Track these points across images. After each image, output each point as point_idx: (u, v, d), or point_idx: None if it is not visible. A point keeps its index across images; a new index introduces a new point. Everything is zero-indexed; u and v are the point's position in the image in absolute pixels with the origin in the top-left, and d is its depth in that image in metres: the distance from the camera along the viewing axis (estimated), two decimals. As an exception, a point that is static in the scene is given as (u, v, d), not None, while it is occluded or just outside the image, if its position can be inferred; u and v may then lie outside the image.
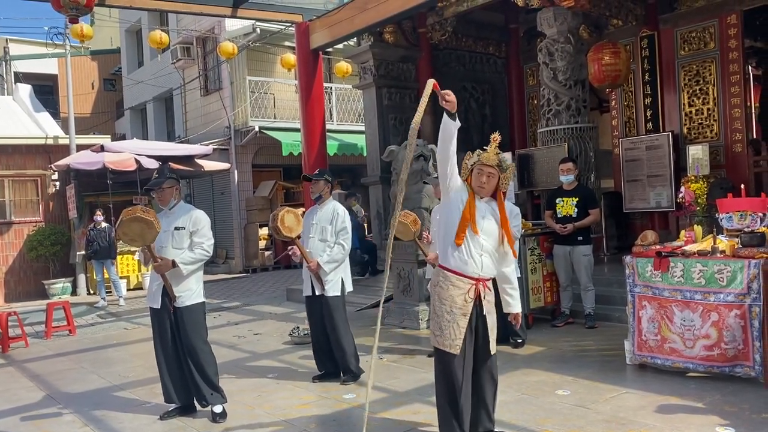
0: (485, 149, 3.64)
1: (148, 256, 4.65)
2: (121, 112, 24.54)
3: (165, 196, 4.86)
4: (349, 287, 5.66)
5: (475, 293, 3.63)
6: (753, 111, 11.72)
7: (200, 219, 4.85)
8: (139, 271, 13.69)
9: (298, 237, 5.44)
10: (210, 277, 14.97)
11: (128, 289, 13.35)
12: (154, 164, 12.57)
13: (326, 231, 5.51)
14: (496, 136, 3.61)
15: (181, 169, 13.70)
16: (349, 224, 5.57)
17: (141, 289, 13.55)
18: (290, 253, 5.55)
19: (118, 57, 24.14)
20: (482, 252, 3.61)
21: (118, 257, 13.21)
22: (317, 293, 5.55)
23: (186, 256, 4.73)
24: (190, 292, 4.78)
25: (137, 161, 12.44)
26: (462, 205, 3.62)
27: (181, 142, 17.78)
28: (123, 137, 22.18)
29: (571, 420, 4.22)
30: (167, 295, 4.72)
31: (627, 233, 10.86)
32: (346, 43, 12.75)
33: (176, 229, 4.77)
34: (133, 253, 13.52)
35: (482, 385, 3.75)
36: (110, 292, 12.16)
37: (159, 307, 4.80)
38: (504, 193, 3.74)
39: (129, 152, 12.82)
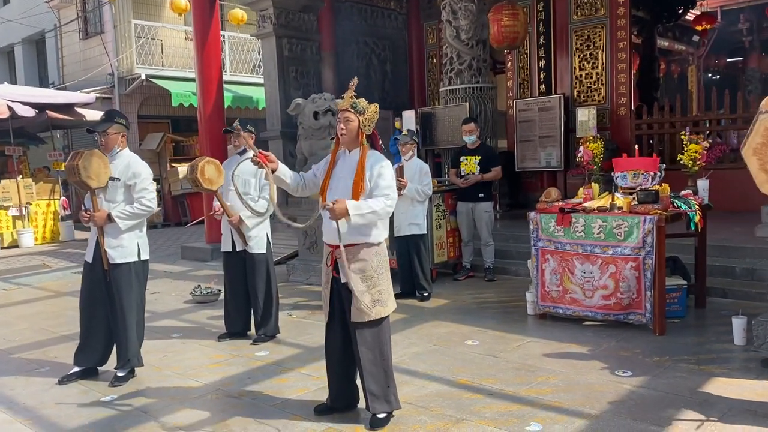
0: None
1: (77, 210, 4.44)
2: (-16, 53, 22.24)
3: (109, 142, 4.50)
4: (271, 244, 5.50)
5: (331, 260, 3.57)
6: (632, 77, 12.49)
7: (140, 171, 4.52)
8: (14, 228, 12.65)
9: (218, 189, 5.21)
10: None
11: (2, 247, 12.33)
12: (30, 112, 11.55)
13: (249, 184, 5.27)
14: (353, 82, 3.56)
15: (60, 118, 12.71)
16: None
17: (16, 247, 12.56)
18: (213, 213, 5.31)
19: (-21, -9, 21.75)
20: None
21: (-10, 212, 12.17)
22: (238, 249, 5.36)
23: (125, 209, 4.44)
24: (122, 249, 4.48)
25: (10, 108, 11.35)
26: (325, 167, 3.61)
27: (57, 90, 16.41)
28: (-13, 82, 20.17)
29: (483, 369, 4.39)
30: (99, 250, 4.46)
31: (518, 191, 11.35)
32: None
33: (111, 179, 4.44)
34: (6, 208, 12.48)
35: (356, 357, 3.57)
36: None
37: (91, 261, 4.54)
38: (368, 137, 3.59)
39: (1, 98, 11.66)
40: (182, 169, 14.56)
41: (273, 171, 3.51)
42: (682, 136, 6.45)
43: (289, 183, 3.65)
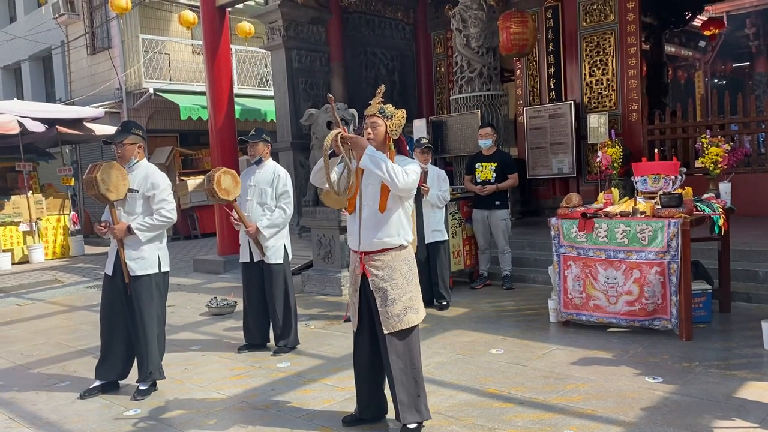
0: None
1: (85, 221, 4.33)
2: (-10, 71, 22.35)
3: (126, 153, 4.49)
4: (289, 255, 5.46)
5: (360, 268, 3.53)
6: (642, 83, 12.45)
7: (158, 182, 4.49)
8: (25, 243, 12.64)
9: (235, 200, 5.17)
10: (105, 249, 14.09)
11: (13, 263, 12.31)
12: (40, 127, 11.56)
13: (266, 194, 5.26)
14: (381, 89, 3.56)
15: (69, 133, 12.72)
16: (290, 187, 5.34)
17: (27, 262, 12.54)
18: (233, 220, 5.26)
19: (-15, 10, 21.90)
20: (364, 223, 3.47)
21: (0, 228, 12.15)
22: (256, 259, 5.32)
23: (145, 221, 4.41)
24: (143, 261, 4.44)
25: (21, 124, 11.36)
26: (352, 175, 3.46)
27: (65, 105, 16.47)
28: (-6, 99, 20.25)
29: (510, 377, 4.33)
30: (119, 262, 4.43)
31: (530, 199, 11.29)
32: (253, 2, 12.23)
33: (129, 191, 4.42)
34: (17, 224, 12.48)
35: (385, 366, 3.53)
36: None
37: (111, 274, 4.51)
38: (395, 142, 3.57)
39: (11, 114, 11.67)
40: (191, 182, 14.56)
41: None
42: (703, 140, 6.39)
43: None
